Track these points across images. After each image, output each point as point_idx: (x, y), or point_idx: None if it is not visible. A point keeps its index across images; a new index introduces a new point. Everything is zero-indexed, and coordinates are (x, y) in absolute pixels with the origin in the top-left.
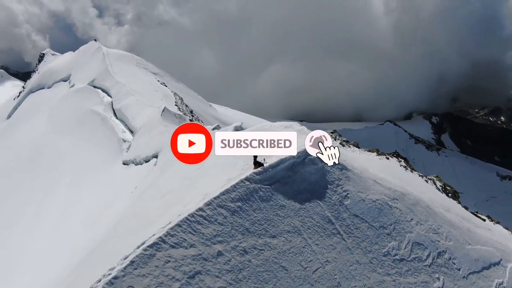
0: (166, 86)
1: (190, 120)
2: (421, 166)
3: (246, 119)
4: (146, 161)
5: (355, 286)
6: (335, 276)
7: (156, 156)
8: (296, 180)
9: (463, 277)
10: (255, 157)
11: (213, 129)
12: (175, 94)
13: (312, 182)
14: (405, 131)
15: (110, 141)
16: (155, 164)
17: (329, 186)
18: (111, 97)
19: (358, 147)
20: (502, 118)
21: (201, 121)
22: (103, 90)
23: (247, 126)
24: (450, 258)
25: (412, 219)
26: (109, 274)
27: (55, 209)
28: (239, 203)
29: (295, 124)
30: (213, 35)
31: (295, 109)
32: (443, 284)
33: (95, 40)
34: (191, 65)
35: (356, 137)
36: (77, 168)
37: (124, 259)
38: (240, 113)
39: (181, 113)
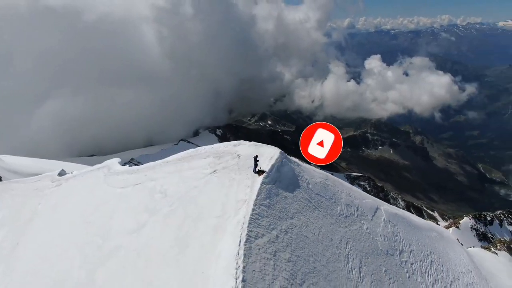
0: None
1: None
2: None
3: (43, 164)
4: None
5: (337, 237)
6: (328, 234)
7: None
8: (282, 178)
9: (370, 219)
10: (255, 166)
11: (59, 174)
12: None
13: (290, 177)
14: (197, 146)
15: None
16: None
17: (298, 178)
18: None
19: None
20: (269, 122)
21: None
22: None
23: (68, 171)
24: (362, 210)
25: (339, 190)
26: (239, 267)
27: None
28: (268, 200)
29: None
30: None
31: (82, 144)
32: (366, 226)
33: None
34: None
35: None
36: None
37: (237, 255)
38: (32, 159)
39: None
